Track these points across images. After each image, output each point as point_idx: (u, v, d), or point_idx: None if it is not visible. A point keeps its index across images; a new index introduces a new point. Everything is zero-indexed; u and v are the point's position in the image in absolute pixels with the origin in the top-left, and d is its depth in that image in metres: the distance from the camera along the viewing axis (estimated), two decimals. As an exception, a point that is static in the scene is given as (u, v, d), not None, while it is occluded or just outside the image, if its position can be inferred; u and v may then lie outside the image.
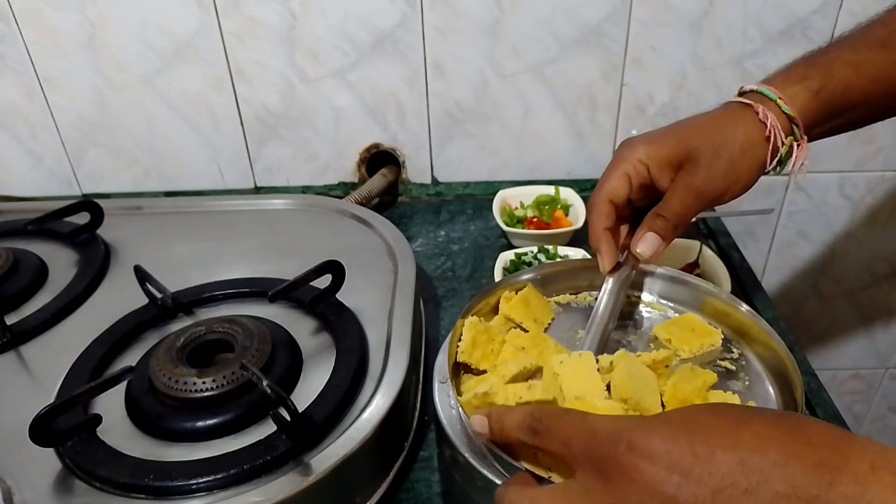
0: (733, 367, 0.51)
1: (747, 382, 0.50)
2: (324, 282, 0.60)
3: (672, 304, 0.57)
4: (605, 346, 0.52)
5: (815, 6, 0.84)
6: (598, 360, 0.46)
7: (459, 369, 0.50)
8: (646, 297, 0.58)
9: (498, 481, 0.41)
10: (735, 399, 0.47)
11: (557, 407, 0.41)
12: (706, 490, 0.28)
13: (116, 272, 0.70)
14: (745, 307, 0.52)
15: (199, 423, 0.49)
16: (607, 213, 0.52)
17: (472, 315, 0.51)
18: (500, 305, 0.54)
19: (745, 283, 0.76)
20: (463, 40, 0.85)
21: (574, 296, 0.58)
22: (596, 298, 0.54)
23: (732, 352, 0.53)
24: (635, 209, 0.55)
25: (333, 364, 0.54)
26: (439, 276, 0.80)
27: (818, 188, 0.99)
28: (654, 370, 0.47)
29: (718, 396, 0.47)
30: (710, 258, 0.74)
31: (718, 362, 0.52)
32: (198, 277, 0.66)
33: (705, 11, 0.84)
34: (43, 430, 0.46)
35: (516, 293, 0.54)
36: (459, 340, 0.49)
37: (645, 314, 0.57)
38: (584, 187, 0.94)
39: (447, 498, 0.52)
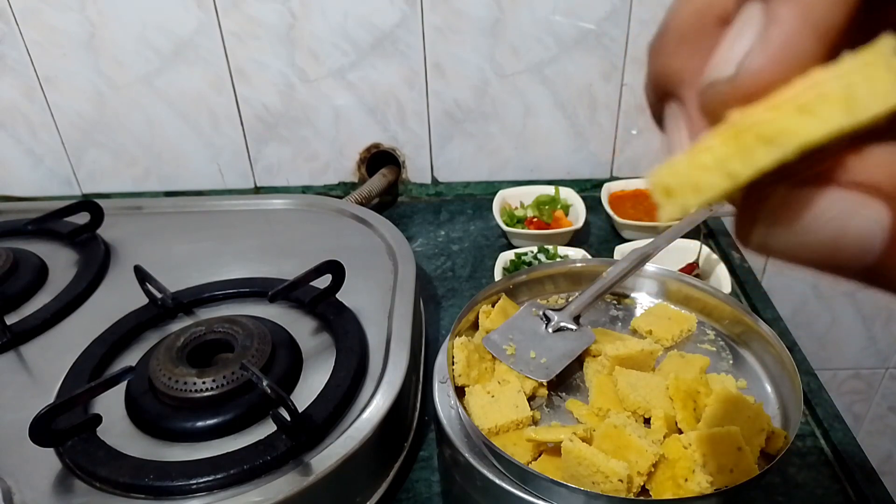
0: (713, 349, 0.53)
1: (731, 361, 0.51)
2: (324, 282, 0.60)
3: (671, 306, 0.57)
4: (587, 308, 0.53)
5: None
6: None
7: (463, 391, 0.49)
8: (642, 297, 0.58)
9: (498, 481, 0.41)
10: (730, 380, 0.48)
11: None
12: None
13: (116, 272, 0.70)
14: (744, 307, 0.52)
15: (199, 423, 0.49)
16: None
17: (458, 335, 0.50)
18: (480, 320, 0.54)
19: (745, 283, 0.76)
20: (463, 40, 0.85)
21: (545, 300, 0.58)
22: (567, 300, 0.55)
23: (707, 334, 0.54)
24: None
25: (333, 364, 0.54)
26: (439, 276, 0.80)
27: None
28: (641, 360, 0.48)
29: (715, 380, 0.48)
30: (710, 258, 0.74)
31: (698, 346, 0.52)
32: (198, 277, 0.66)
33: (705, 11, 0.84)
34: (43, 430, 0.46)
35: (492, 306, 0.54)
36: (453, 364, 0.49)
37: (621, 310, 0.57)
38: (584, 187, 0.94)
39: (447, 498, 0.52)
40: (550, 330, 0.51)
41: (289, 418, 0.46)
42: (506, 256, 0.76)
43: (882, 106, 0.13)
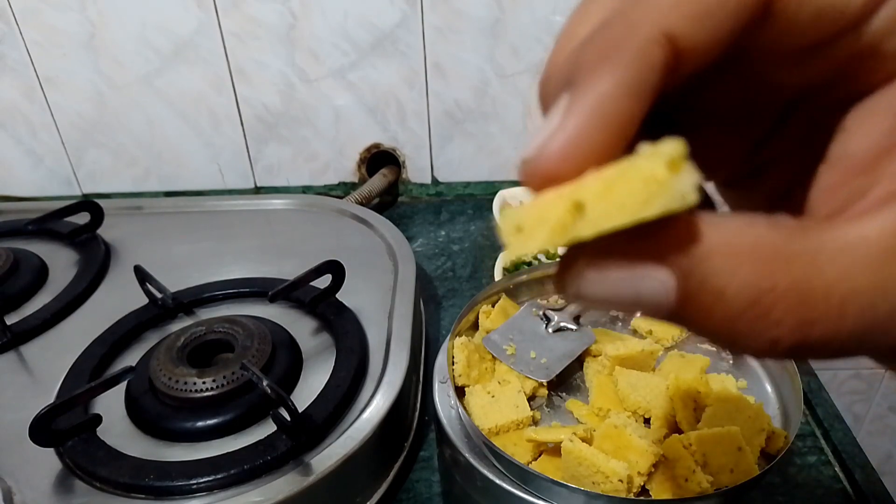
0: (713, 348, 0.52)
1: (730, 361, 0.51)
2: (324, 282, 0.60)
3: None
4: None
5: None
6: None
7: (463, 391, 0.48)
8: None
9: (498, 481, 0.41)
10: (730, 380, 0.48)
11: None
12: None
13: (116, 272, 0.70)
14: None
15: (200, 423, 0.49)
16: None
17: (458, 335, 0.50)
18: (480, 320, 0.53)
19: (745, 283, 0.76)
20: (463, 40, 0.85)
21: (545, 300, 0.58)
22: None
23: None
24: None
25: (333, 364, 0.54)
26: (439, 276, 0.80)
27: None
28: (641, 360, 0.48)
29: (715, 380, 0.48)
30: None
31: (698, 346, 0.53)
32: (198, 277, 0.66)
33: (705, 11, 0.84)
34: (43, 430, 0.46)
35: (492, 306, 0.54)
36: (453, 364, 0.48)
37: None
38: (584, 187, 0.94)
39: (447, 498, 0.52)
40: (550, 330, 0.51)
41: (289, 418, 0.46)
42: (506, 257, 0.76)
43: (617, 221, 0.14)
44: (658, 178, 0.14)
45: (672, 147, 0.14)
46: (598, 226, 0.14)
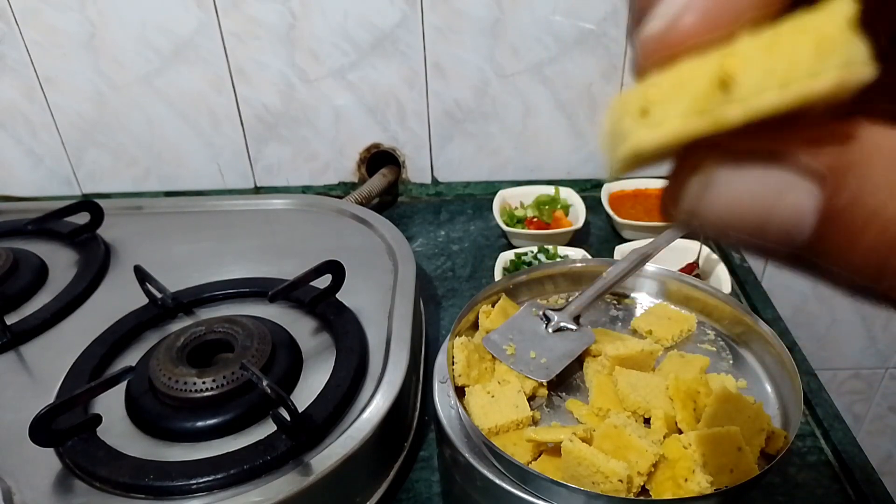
0: (713, 349, 0.53)
1: (731, 361, 0.51)
2: (324, 282, 0.60)
3: (671, 306, 0.57)
4: (588, 308, 0.52)
5: None
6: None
7: (463, 391, 0.48)
8: (642, 297, 0.58)
9: (498, 481, 0.41)
10: (730, 380, 0.48)
11: None
12: None
13: (116, 272, 0.70)
14: (744, 307, 0.52)
15: (200, 423, 0.49)
16: None
17: (458, 335, 0.50)
18: (480, 320, 0.53)
19: (745, 283, 0.76)
20: (463, 40, 0.85)
21: (545, 300, 0.58)
22: (567, 300, 0.55)
23: (708, 334, 0.54)
24: None
25: (333, 364, 0.54)
26: (439, 276, 0.80)
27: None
28: (641, 360, 0.48)
29: (715, 380, 0.48)
30: (710, 258, 0.74)
31: (698, 346, 0.53)
32: (198, 277, 0.66)
33: (705, 11, 0.84)
34: (43, 430, 0.46)
35: (492, 306, 0.54)
36: (453, 364, 0.48)
37: (621, 310, 0.57)
38: (584, 187, 0.94)
39: (447, 498, 0.52)
40: (550, 330, 0.51)
41: (289, 418, 0.46)
42: (506, 256, 0.76)
43: (776, 98, 0.11)
44: (833, 37, 0.11)
45: (843, 5, 0.11)
46: (749, 104, 0.11)
